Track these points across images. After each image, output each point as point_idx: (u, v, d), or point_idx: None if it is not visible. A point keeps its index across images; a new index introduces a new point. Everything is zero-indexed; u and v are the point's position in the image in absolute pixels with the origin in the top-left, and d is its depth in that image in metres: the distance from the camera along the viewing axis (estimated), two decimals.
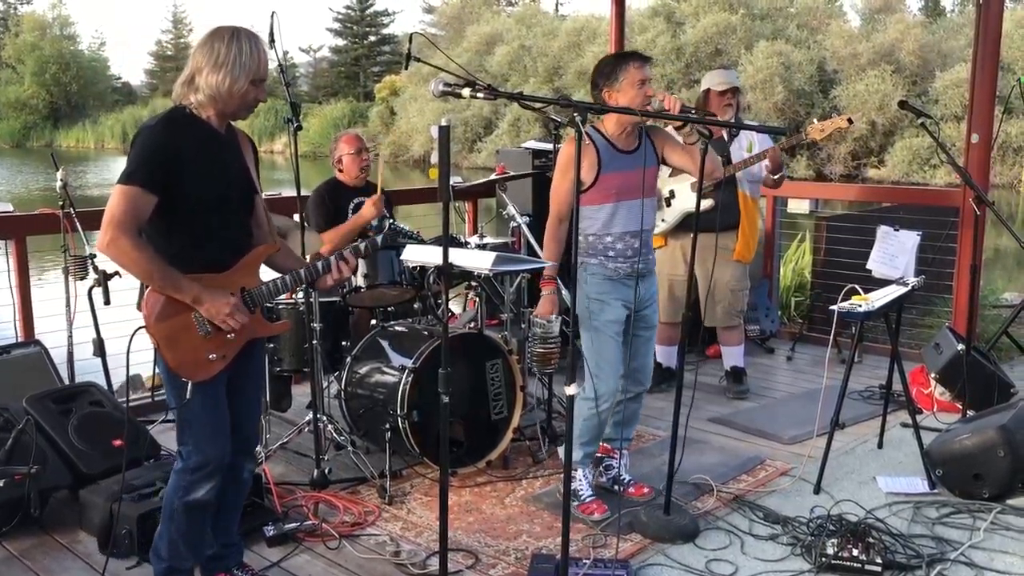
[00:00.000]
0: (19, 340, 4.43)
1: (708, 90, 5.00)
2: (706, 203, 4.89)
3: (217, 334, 2.71)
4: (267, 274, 2.92)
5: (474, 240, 4.73)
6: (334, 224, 4.59)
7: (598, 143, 3.55)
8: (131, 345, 2.72)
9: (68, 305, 4.44)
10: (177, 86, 2.72)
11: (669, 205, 5.06)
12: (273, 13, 3.60)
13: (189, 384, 2.69)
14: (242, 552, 3.16)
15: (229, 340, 2.74)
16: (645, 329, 3.72)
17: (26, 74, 52.81)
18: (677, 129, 3.60)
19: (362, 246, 3.03)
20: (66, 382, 4.33)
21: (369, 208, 4.56)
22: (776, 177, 5.05)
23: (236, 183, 2.80)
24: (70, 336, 4.44)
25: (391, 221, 3.10)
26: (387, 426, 3.87)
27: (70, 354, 4.45)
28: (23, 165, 36.06)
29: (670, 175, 4.95)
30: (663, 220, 5.07)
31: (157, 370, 2.78)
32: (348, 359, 4.22)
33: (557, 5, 51.85)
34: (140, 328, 2.68)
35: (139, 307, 2.71)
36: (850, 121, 4.63)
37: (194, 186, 2.66)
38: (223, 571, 3.05)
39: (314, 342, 3.98)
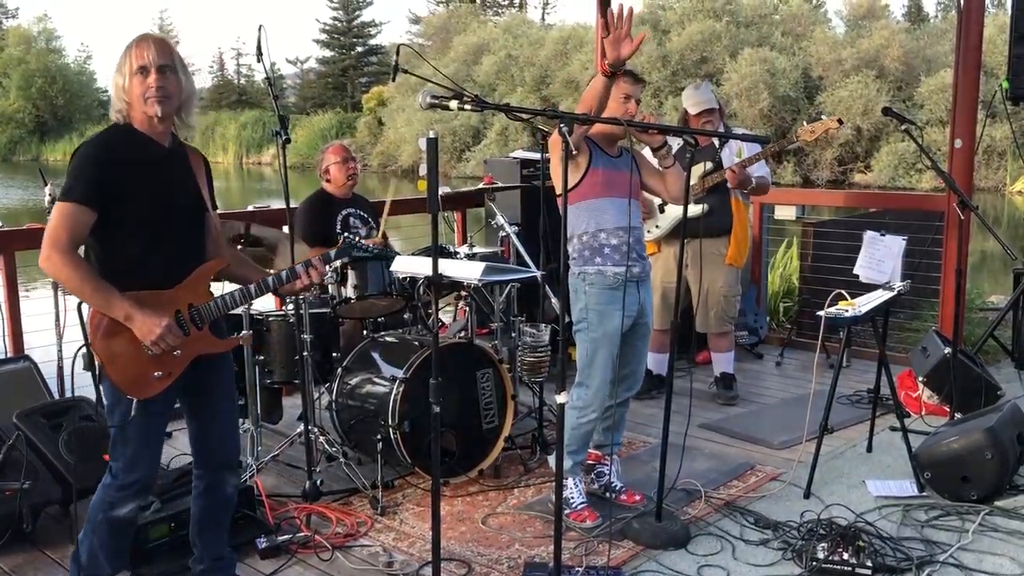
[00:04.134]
0: (8, 355, 4.42)
1: (687, 111, 5.05)
2: (699, 209, 4.92)
3: (162, 352, 2.68)
4: (234, 287, 2.90)
5: (463, 250, 4.74)
6: (323, 236, 4.60)
7: (587, 141, 3.57)
8: (74, 362, 2.70)
9: (57, 319, 4.44)
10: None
11: (662, 212, 5.08)
12: (260, 26, 3.60)
13: (134, 402, 2.67)
14: (234, 564, 3.16)
15: (175, 358, 2.71)
16: (642, 337, 3.74)
17: (12, 88, 52.67)
18: (654, 152, 3.64)
19: (332, 253, 3.04)
20: (56, 397, 4.32)
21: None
22: (746, 191, 5.08)
23: (182, 198, 2.78)
24: (60, 350, 4.44)
25: (349, 236, 3.08)
26: (378, 437, 3.88)
27: (60, 369, 4.44)
28: (10, 180, 35.90)
29: None
30: (657, 227, 5.10)
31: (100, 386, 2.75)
32: (339, 370, 4.22)
33: (543, 14, 52.08)
34: (84, 345, 2.67)
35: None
36: (840, 122, 4.66)
37: (136, 200, 2.65)
38: None
39: (304, 353, 3.98)
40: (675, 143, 4.04)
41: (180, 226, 2.77)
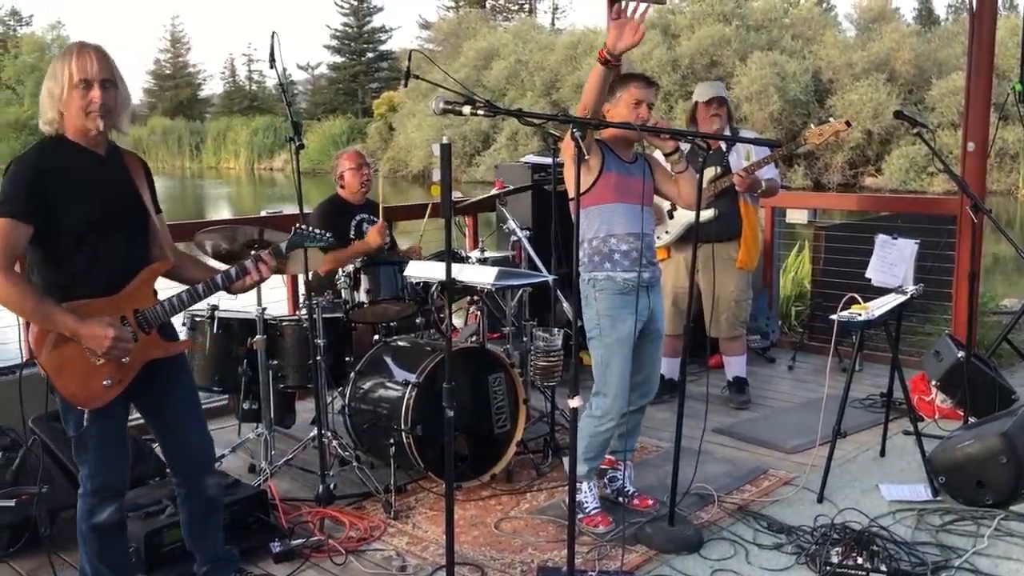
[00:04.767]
0: (24, 360, 4.44)
1: (696, 102, 5.07)
2: (709, 213, 4.92)
3: (110, 360, 2.68)
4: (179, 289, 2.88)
5: (475, 255, 4.75)
6: (337, 240, 4.60)
7: (600, 145, 3.57)
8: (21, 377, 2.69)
9: None
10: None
11: (671, 218, 5.09)
12: (273, 33, 3.62)
13: (85, 412, 2.67)
14: (236, 560, 3.17)
15: (123, 365, 2.70)
16: (653, 342, 3.73)
17: (25, 95, 52.97)
18: (666, 157, 3.64)
19: (284, 246, 3.02)
20: None
21: (373, 236, 4.60)
22: (756, 194, 5.07)
23: (121, 204, 2.76)
24: None
25: (304, 227, 3.07)
26: (391, 441, 3.89)
27: None
28: None
29: None
30: (666, 232, 5.10)
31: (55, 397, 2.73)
32: (352, 374, 4.24)
33: (553, 19, 52.14)
34: (30, 360, 2.68)
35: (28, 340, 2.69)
36: (848, 124, 4.66)
37: (73, 211, 2.63)
38: None
39: (318, 358, 4.00)
40: (686, 147, 4.05)
41: (121, 233, 2.75)
